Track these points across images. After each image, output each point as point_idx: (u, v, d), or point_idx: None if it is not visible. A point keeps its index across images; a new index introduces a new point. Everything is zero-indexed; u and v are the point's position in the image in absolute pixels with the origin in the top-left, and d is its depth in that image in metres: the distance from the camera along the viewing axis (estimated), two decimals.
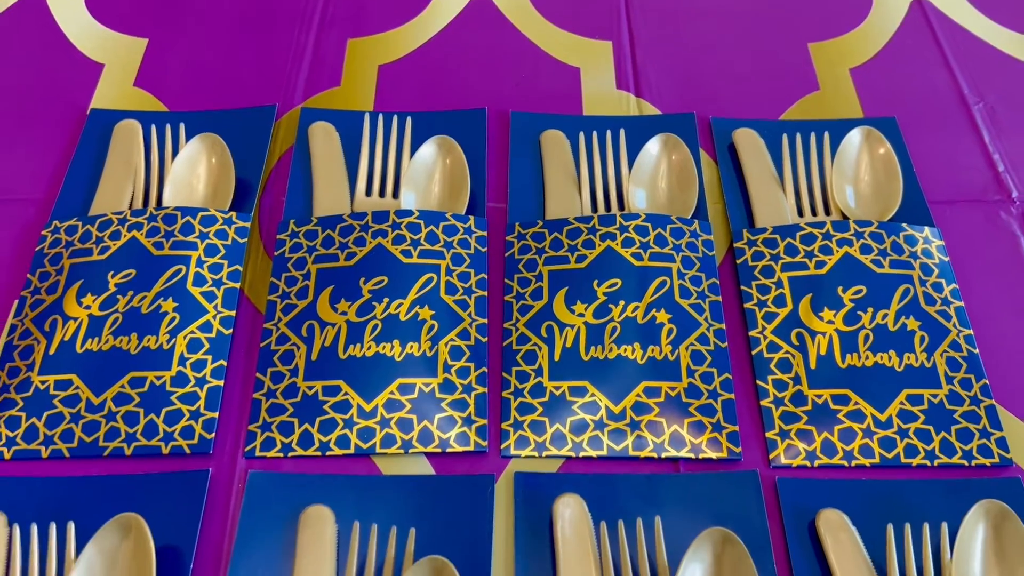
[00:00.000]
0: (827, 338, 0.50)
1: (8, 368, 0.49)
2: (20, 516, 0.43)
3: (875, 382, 0.49)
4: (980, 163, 0.59)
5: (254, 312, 0.52)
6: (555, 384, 0.49)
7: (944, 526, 0.43)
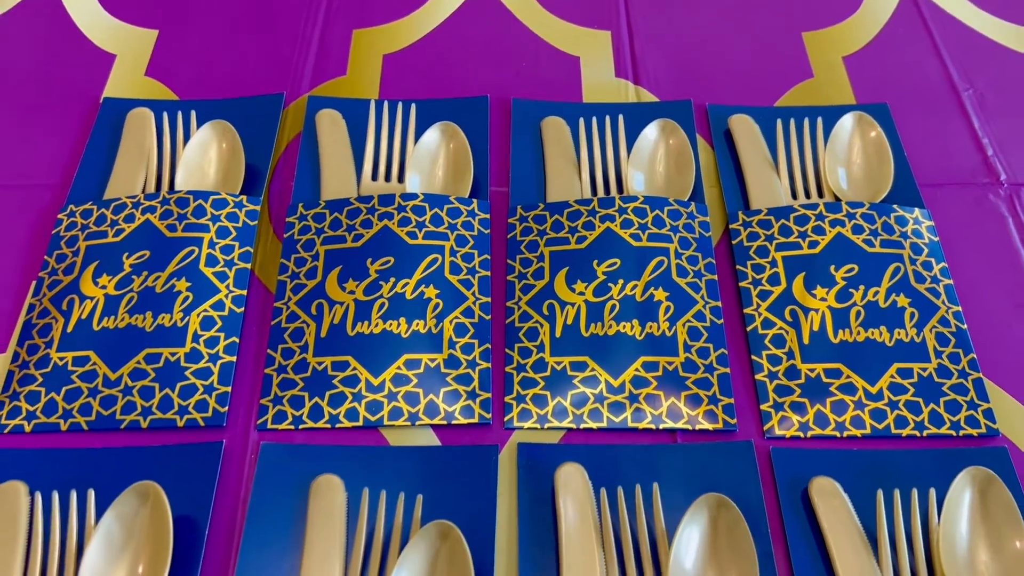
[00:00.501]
0: (820, 315, 0.52)
1: (27, 345, 0.50)
2: (41, 486, 0.45)
3: (866, 356, 0.50)
4: (969, 147, 0.61)
5: (265, 292, 0.53)
6: (556, 359, 0.50)
7: (932, 492, 0.45)
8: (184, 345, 0.50)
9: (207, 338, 0.50)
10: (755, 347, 0.51)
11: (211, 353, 0.50)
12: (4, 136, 0.60)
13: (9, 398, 0.49)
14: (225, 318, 0.51)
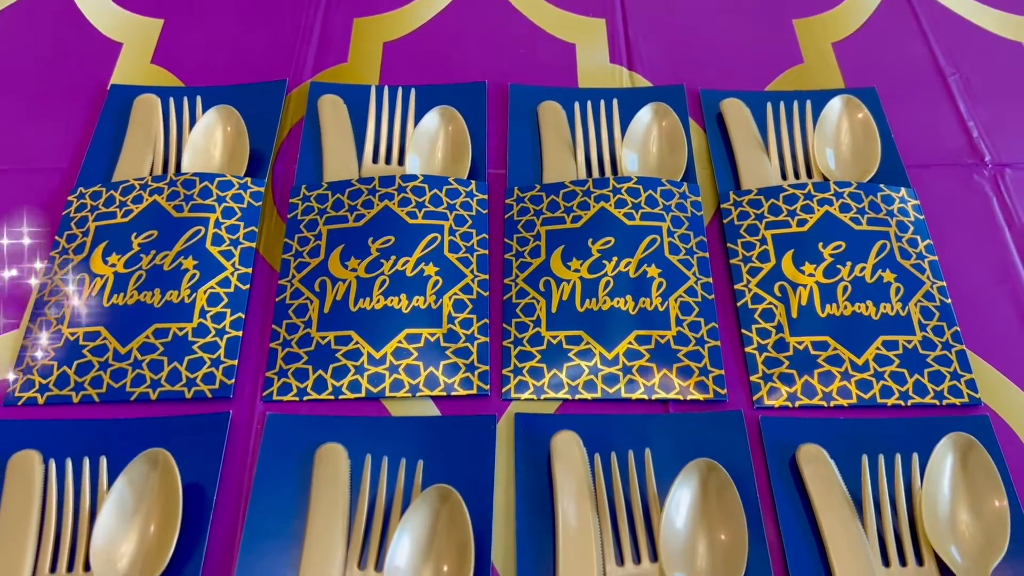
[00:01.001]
0: (808, 290, 0.53)
1: (40, 322, 0.52)
2: (54, 454, 0.46)
3: (853, 329, 0.52)
4: (955, 129, 0.62)
5: (269, 270, 0.55)
6: (552, 334, 0.52)
7: (915, 457, 0.46)
8: (192, 320, 0.51)
9: (214, 314, 0.52)
10: (745, 321, 0.53)
11: (218, 328, 0.51)
12: (15, 122, 0.62)
13: (23, 372, 0.50)
14: (231, 295, 0.53)
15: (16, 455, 0.47)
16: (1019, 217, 0.58)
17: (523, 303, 0.53)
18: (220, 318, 0.52)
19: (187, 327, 0.51)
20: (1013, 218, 0.58)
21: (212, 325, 0.51)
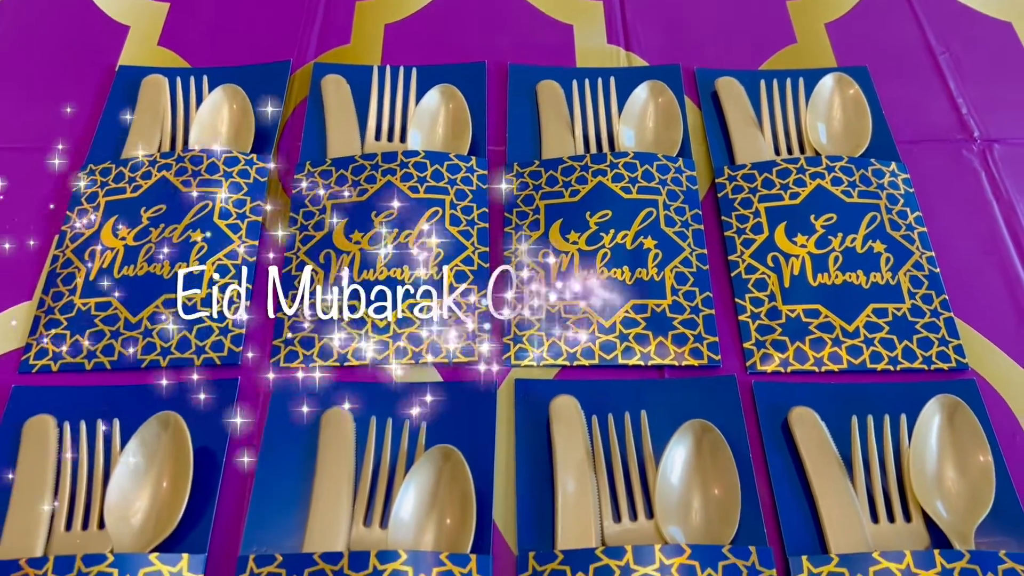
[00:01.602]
0: (800, 260, 0.55)
1: (52, 293, 0.53)
2: (68, 419, 0.48)
3: (844, 298, 0.53)
4: (945, 107, 0.64)
5: (275, 243, 0.56)
6: (552, 304, 0.53)
7: (903, 418, 0.48)
8: (200, 291, 0.53)
9: (223, 284, 0.53)
10: (739, 291, 0.54)
11: (226, 298, 0.53)
12: (26, 103, 0.64)
13: (36, 340, 0.52)
14: (239, 266, 0.54)
15: (31, 419, 0.48)
16: (1007, 191, 0.59)
17: (522, 275, 0.55)
18: (228, 288, 0.53)
19: (196, 297, 0.53)
20: (1001, 192, 0.59)
21: (220, 295, 0.53)
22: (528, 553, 0.44)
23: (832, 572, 0.43)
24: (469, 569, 0.43)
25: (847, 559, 0.43)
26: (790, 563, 0.44)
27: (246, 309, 0.52)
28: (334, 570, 0.42)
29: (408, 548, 0.43)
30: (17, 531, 0.45)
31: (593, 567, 0.43)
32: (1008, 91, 0.64)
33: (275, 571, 0.43)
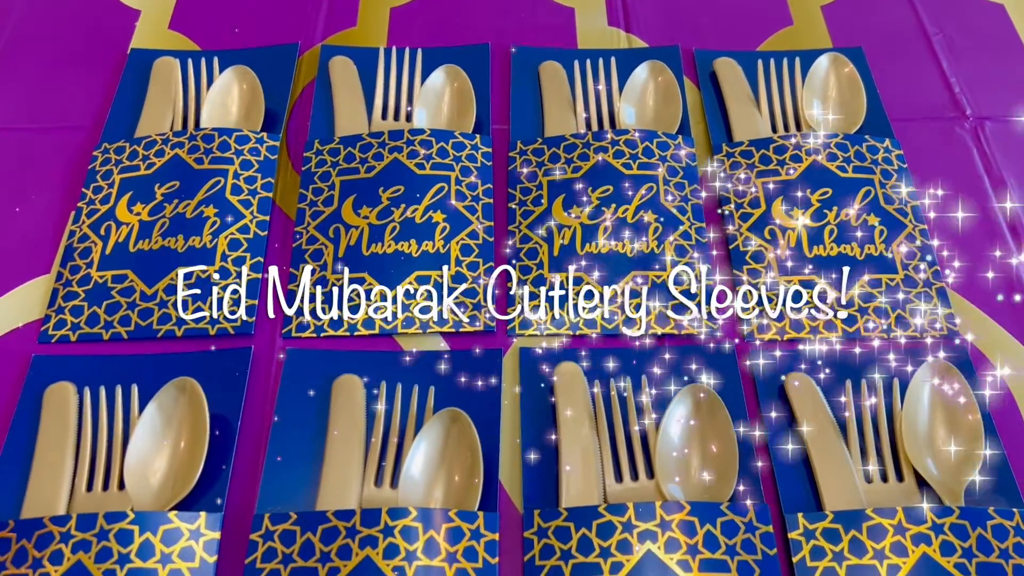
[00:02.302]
0: (796, 233, 0.56)
1: (70, 267, 0.55)
2: (87, 386, 0.50)
3: (838, 269, 0.55)
4: (938, 86, 0.65)
5: (285, 218, 0.58)
6: (554, 275, 0.55)
7: (895, 382, 0.49)
8: (214, 263, 0.54)
9: (235, 257, 0.55)
10: (736, 262, 0.56)
11: (239, 270, 0.54)
12: (42, 85, 0.65)
13: (55, 312, 0.53)
14: (250, 240, 0.56)
15: (52, 386, 0.50)
16: (997, 166, 0.61)
17: (526, 248, 0.56)
18: (240, 261, 0.55)
19: (209, 269, 0.54)
20: (992, 167, 0.61)
21: (233, 268, 0.54)
22: (533, 511, 0.46)
23: (827, 528, 0.45)
24: (477, 526, 0.45)
25: (841, 515, 0.45)
26: (786, 520, 0.46)
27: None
28: (347, 527, 0.44)
29: (418, 505, 0.45)
30: (40, 493, 0.46)
31: (596, 523, 0.44)
32: (999, 70, 0.66)
33: (290, 528, 0.45)
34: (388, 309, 0.53)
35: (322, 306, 0.53)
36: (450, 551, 0.44)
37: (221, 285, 0.53)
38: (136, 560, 0.43)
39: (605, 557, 0.44)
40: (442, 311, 0.53)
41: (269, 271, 0.54)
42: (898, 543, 0.44)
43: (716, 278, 0.55)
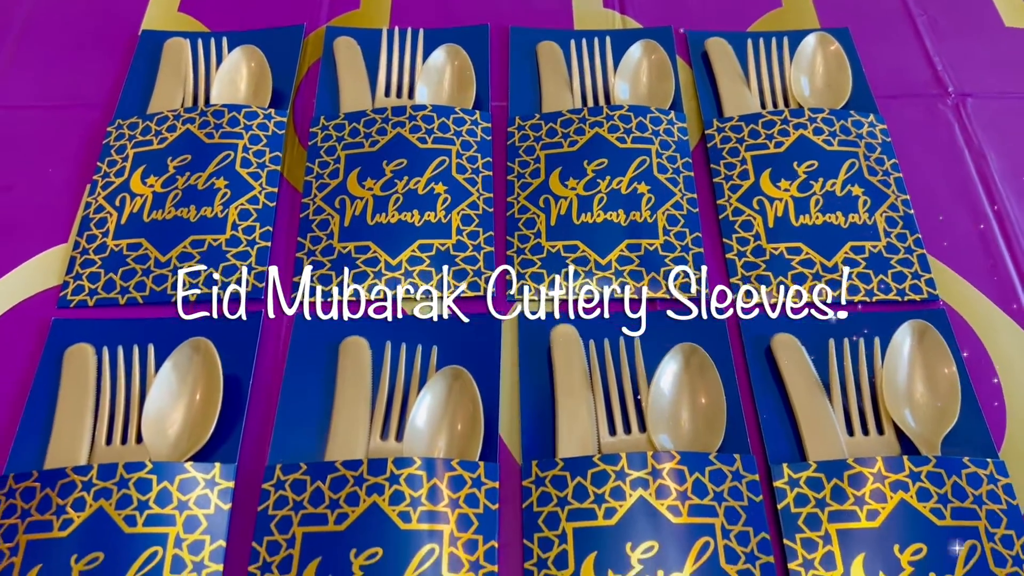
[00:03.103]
0: (783, 203, 0.59)
1: (86, 236, 0.57)
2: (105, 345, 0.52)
3: (824, 237, 0.57)
4: (922, 64, 0.68)
5: (292, 191, 0.60)
6: (551, 244, 0.57)
7: (877, 341, 0.52)
8: (225, 232, 0.57)
9: (245, 227, 0.57)
10: (726, 232, 0.58)
11: (249, 239, 0.57)
12: (57, 65, 0.67)
13: (73, 278, 0.56)
14: (260, 211, 0.58)
15: (71, 347, 0.52)
16: (978, 140, 0.63)
17: (524, 218, 0.59)
18: (250, 231, 0.57)
19: (221, 238, 0.56)
20: (972, 141, 0.63)
21: (244, 237, 0.57)
22: (531, 461, 0.48)
23: (810, 477, 0.47)
24: (478, 474, 0.47)
25: (824, 465, 0.47)
26: (771, 469, 0.48)
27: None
28: (354, 475, 0.46)
29: (422, 456, 0.47)
30: (62, 447, 0.49)
31: (591, 472, 0.47)
32: (981, 49, 0.68)
33: (300, 478, 0.47)
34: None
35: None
36: (452, 497, 0.46)
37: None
38: (154, 507, 0.45)
39: (599, 503, 0.46)
40: (443, 278, 0.56)
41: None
42: (877, 490, 0.46)
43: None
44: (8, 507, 0.46)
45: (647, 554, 0.45)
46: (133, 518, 0.45)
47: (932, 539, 0.45)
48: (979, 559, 0.45)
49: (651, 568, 0.44)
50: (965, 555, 0.45)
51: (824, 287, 0.55)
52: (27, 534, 0.45)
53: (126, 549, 0.44)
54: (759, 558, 0.45)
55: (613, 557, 0.45)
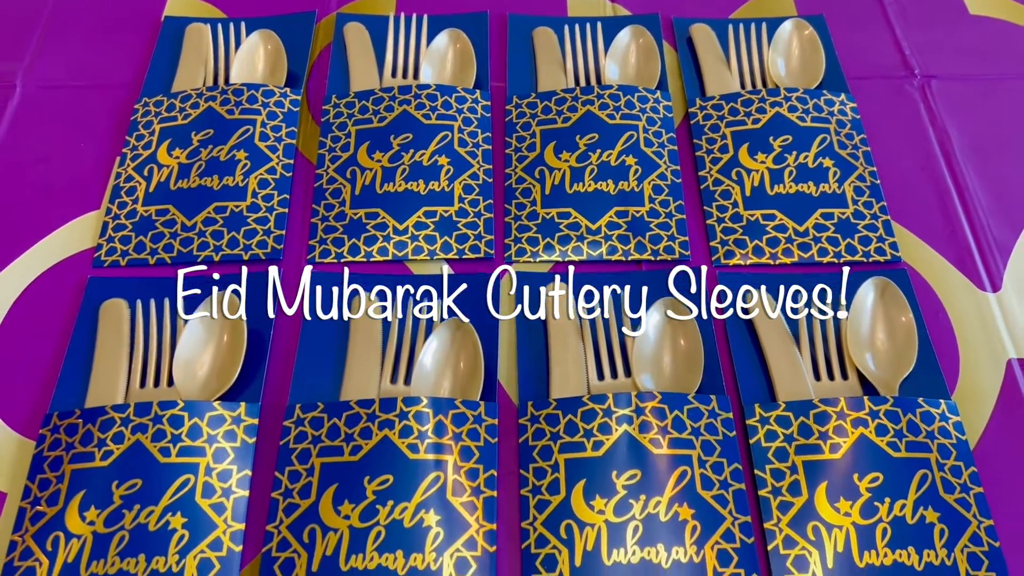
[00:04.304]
0: (759, 174, 0.64)
1: (117, 203, 0.62)
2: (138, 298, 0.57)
3: (796, 204, 0.62)
4: (891, 49, 0.73)
5: (307, 163, 0.65)
6: (546, 211, 0.62)
7: (843, 294, 0.57)
8: (245, 199, 0.62)
9: (264, 195, 0.62)
10: (707, 200, 0.63)
11: (268, 206, 0.62)
12: (86, 49, 0.72)
13: (106, 241, 0.60)
14: (277, 180, 0.63)
15: (106, 302, 0.57)
16: (941, 118, 0.68)
17: (521, 187, 0.64)
18: (269, 198, 0.62)
19: (242, 205, 0.61)
20: (936, 119, 0.68)
21: (263, 203, 0.62)
22: (527, 402, 0.53)
23: (779, 415, 0.52)
24: (479, 412, 0.52)
25: (792, 405, 0.52)
26: (744, 409, 0.53)
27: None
28: (367, 413, 0.51)
29: (428, 395, 0.52)
30: (100, 389, 0.53)
31: (581, 410, 0.52)
32: (946, 35, 0.73)
33: (318, 415, 0.52)
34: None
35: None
36: (456, 432, 0.51)
37: (252, 218, 0.60)
38: (186, 440, 0.50)
39: (588, 437, 0.51)
40: (448, 241, 0.60)
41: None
42: (840, 427, 0.51)
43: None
44: (54, 441, 0.51)
45: (631, 481, 0.49)
46: (167, 450, 0.50)
47: (888, 469, 0.50)
48: (930, 486, 0.50)
49: (634, 493, 0.49)
50: (917, 482, 0.50)
51: (796, 249, 0.60)
52: (72, 464, 0.50)
53: (161, 476, 0.49)
54: (731, 485, 0.50)
55: (600, 484, 0.50)
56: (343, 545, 0.48)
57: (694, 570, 0.47)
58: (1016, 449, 0.52)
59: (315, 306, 0.57)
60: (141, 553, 0.47)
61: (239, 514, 0.49)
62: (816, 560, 0.48)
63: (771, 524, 0.49)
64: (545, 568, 0.48)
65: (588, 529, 0.48)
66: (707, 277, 0.59)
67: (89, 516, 0.48)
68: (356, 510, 0.49)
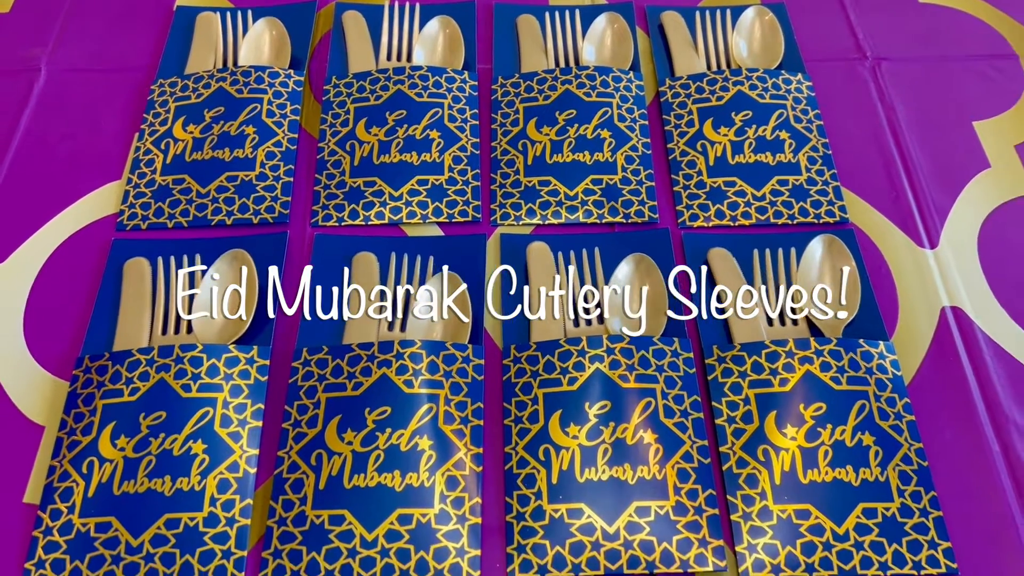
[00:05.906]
0: (722, 146, 0.70)
1: (137, 173, 0.68)
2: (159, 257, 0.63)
3: (755, 172, 0.69)
4: (845, 34, 0.79)
5: (310, 138, 0.71)
6: (528, 179, 0.69)
7: (793, 251, 0.63)
8: (255, 169, 0.68)
9: (271, 165, 0.68)
10: (674, 169, 0.70)
11: (274, 175, 0.68)
12: (105, 36, 0.78)
13: (128, 207, 0.66)
14: (283, 152, 0.69)
15: (129, 261, 0.63)
16: (890, 96, 0.74)
17: (506, 159, 0.70)
18: (276, 168, 0.68)
19: (251, 175, 0.68)
20: (885, 96, 0.74)
21: (270, 173, 0.68)
22: (510, 346, 0.59)
23: (735, 355, 0.59)
24: (467, 354, 0.58)
25: (746, 346, 0.59)
26: (704, 350, 0.59)
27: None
28: (367, 354, 0.57)
29: (422, 339, 0.58)
30: (126, 335, 0.59)
31: (558, 351, 0.58)
32: (895, 21, 0.80)
33: (323, 357, 0.58)
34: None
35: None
36: (446, 370, 0.57)
37: (261, 186, 0.66)
38: (205, 378, 0.56)
39: (564, 374, 0.57)
40: (439, 206, 0.67)
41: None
42: (788, 364, 0.58)
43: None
44: (86, 380, 0.57)
45: (601, 410, 0.56)
46: (188, 386, 0.56)
47: (830, 399, 0.56)
48: (867, 415, 0.56)
49: (604, 421, 0.55)
50: (856, 411, 0.56)
51: (754, 212, 0.67)
52: (103, 399, 0.56)
53: (183, 409, 0.55)
54: (691, 414, 0.56)
55: (574, 413, 0.56)
56: (347, 467, 0.54)
57: (657, 486, 0.54)
58: (946, 384, 0.59)
59: (317, 267, 0.64)
60: (167, 474, 0.53)
61: (254, 441, 0.55)
62: (765, 478, 0.54)
63: (726, 448, 0.56)
64: (525, 485, 0.54)
65: (564, 452, 0.55)
66: (673, 235, 0.66)
67: (120, 443, 0.54)
68: (358, 437, 0.55)
